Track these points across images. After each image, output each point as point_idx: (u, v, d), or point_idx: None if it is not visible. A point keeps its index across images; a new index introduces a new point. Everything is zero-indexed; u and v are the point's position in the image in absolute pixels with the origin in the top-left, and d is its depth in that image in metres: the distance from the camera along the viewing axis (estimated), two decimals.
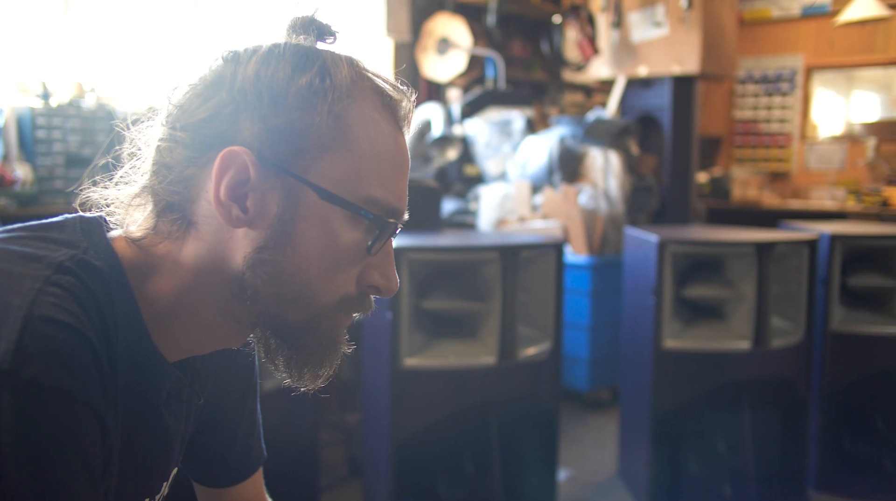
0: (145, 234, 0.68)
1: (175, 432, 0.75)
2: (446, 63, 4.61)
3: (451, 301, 2.27)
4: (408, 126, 0.74)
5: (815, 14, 5.73)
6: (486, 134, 4.12)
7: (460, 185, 4.36)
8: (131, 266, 0.66)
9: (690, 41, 3.86)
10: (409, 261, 2.16)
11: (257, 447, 0.96)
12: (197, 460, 0.92)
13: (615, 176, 3.54)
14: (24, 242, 0.62)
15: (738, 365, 2.48)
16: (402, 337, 2.16)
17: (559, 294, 2.40)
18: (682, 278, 2.49)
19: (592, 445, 3.21)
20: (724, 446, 2.62)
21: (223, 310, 0.68)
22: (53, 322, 0.55)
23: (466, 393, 2.27)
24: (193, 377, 0.77)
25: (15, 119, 2.46)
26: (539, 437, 2.47)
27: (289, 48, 0.68)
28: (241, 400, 0.91)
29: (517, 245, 2.25)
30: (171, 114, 0.67)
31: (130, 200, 0.69)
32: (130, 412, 0.65)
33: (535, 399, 2.42)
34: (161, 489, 0.78)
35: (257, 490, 0.97)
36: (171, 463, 0.78)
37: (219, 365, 0.85)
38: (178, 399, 0.74)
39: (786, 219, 3.38)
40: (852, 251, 2.76)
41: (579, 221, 3.42)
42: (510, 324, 2.22)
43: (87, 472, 0.55)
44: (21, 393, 0.51)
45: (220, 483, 0.94)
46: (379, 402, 2.28)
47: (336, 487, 2.78)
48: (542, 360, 2.36)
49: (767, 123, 6.06)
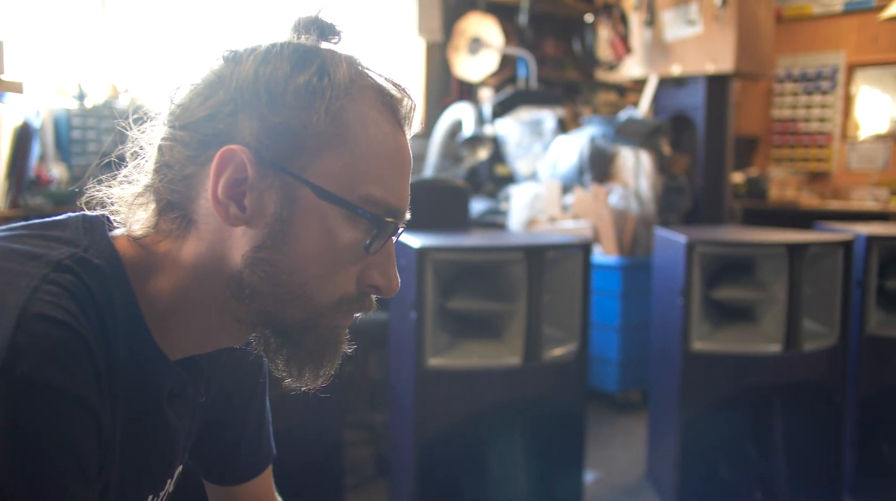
0: (147, 233, 0.68)
1: (179, 429, 0.75)
2: (478, 63, 4.61)
3: (477, 301, 2.27)
4: (409, 125, 0.73)
5: (858, 9, 5.60)
6: (517, 133, 4.10)
7: (491, 185, 4.35)
8: (132, 264, 0.67)
9: (725, 39, 3.80)
10: (433, 261, 2.16)
11: (266, 445, 0.96)
12: (205, 457, 0.93)
13: (646, 176, 3.51)
14: (25, 240, 0.63)
15: (769, 369, 2.43)
16: (426, 337, 2.16)
17: (586, 294, 2.38)
18: (711, 279, 2.45)
19: (621, 447, 3.18)
20: (755, 450, 2.58)
21: (223, 309, 0.69)
22: (48, 319, 0.55)
23: (491, 394, 2.27)
24: (197, 375, 0.78)
25: (52, 120, 2.52)
26: (565, 438, 2.45)
27: (288, 47, 0.68)
28: (249, 398, 0.91)
29: (543, 245, 2.24)
30: (172, 113, 0.68)
31: (133, 199, 0.70)
32: (132, 409, 0.65)
33: (561, 400, 2.40)
34: (165, 485, 0.78)
35: (266, 488, 0.98)
36: (176, 461, 0.79)
37: (226, 364, 0.85)
38: (180, 396, 0.74)
39: (825, 219, 3.31)
40: (890, 252, 2.69)
41: (609, 221, 3.39)
42: (535, 325, 2.21)
43: (80, 468, 0.55)
44: (14, 389, 0.51)
45: (229, 480, 0.95)
46: (403, 402, 2.29)
47: (362, 486, 2.79)
48: (568, 361, 2.34)
49: (807, 122, 5.94)
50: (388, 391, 2.51)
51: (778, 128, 6.07)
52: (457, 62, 4.67)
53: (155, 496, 0.76)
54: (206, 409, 0.86)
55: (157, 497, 0.77)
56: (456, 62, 4.68)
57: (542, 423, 2.40)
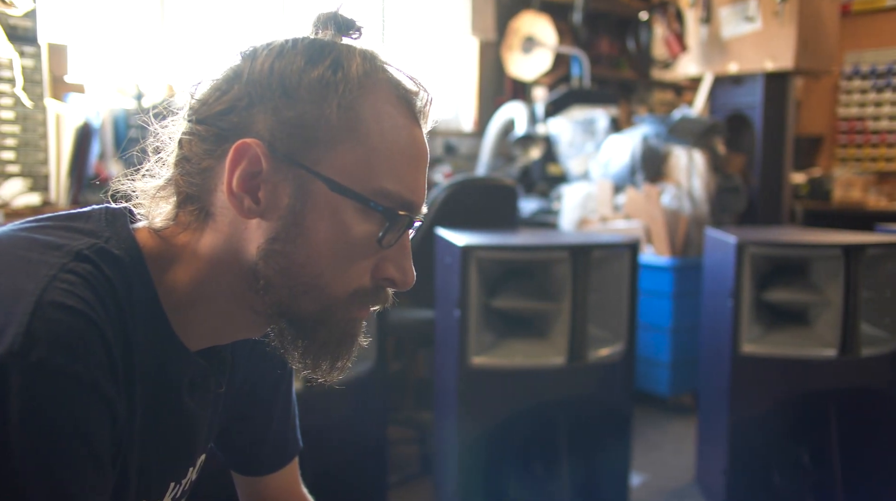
0: (166, 225, 0.70)
1: (200, 419, 0.77)
2: (531, 62, 4.59)
3: (521, 300, 2.27)
4: (425, 119, 0.74)
5: None
6: (570, 133, 4.07)
7: (544, 184, 4.33)
8: (152, 255, 0.68)
9: (785, 35, 3.70)
10: (477, 260, 2.16)
11: (292, 438, 0.97)
12: (231, 448, 0.95)
13: (699, 175, 3.44)
14: (48, 231, 0.65)
15: (824, 373, 2.36)
16: (470, 335, 2.17)
17: (633, 295, 2.35)
18: (762, 281, 2.39)
19: (671, 451, 3.13)
20: (808, 457, 2.51)
21: (240, 300, 0.70)
22: (63, 307, 0.57)
23: (535, 393, 2.26)
24: (219, 366, 0.78)
25: (111, 119, 2.61)
26: (611, 440, 2.42)
27: (303, 42, 0.69)
28: (274, 391, 0.92)
29: (588, 244, 2.22)
30: (192, 107, 0.70)
31: (156, 192, 0.71)
32: (151, 397, 0.67)
33: (607, 401, 2.38)
34: (188, 473, 0.80)
35: (292, 480, 0.99)
36: (197, 450, 0.80)
37: (251, 356, 0.86)
38: (202, 387, 0.75)
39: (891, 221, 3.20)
40: None
41: (661, 222, 3.34)
42: (580, 325, 2.19)
43: (92, 452, 0.56)
44: (28, 374, 0.53)
45: (255, 471, 0.96)
46: (447, 400, 2.30)
47: (408, 484, 2.81)
48: (614, 362, 2.32)
49: (876, 121, 5.73)
50: (434, 389, 2.52)
51: (844, 126, 5.87)
52: (510, 61, 4.66)
53: (177, 483, 0.78)
54: (232, 401, 0.88)
55: (179, 484, 0.79)
56: (509, 61, 4.67)
57: (588, 424, 2.38)
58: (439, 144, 4.42)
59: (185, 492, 0.82)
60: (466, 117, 4.69)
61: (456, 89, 4.71)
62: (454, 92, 4.71)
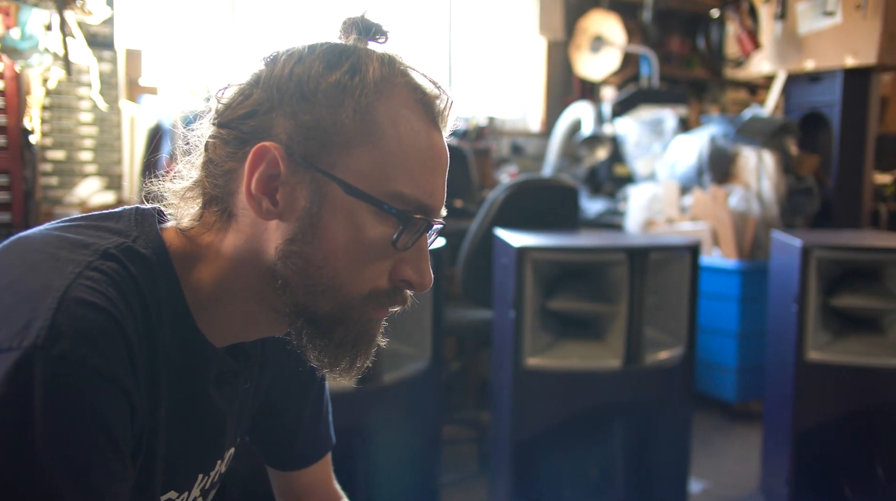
0: (192, 225, 0.72)
1: (227, 413, 0.79)
2: (600, 61, 4.55)
3: (577, 302, 2.25)
4: (444, 123, 0.74)
5: None
6: (637, 133, 4.01)
7: (610, 185, 4.28)
8: (178, 255, 0.71)
9: (868, 29, 3.54)
10: (532, 261, 2.16)
11: (324, 434, 0.99)
12: (264, 443, 0.97)
13: (769, 176, 3.34)
14: (79, 230, 0.68)
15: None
16: (525, 336, 2.17)
17: (694, 298, 2.31)
18: (830, 286, 2.31)
19: (735, 458, 3.05)
20: (881, 470, 2.41)
21: (261, 299, 0.71)
22: (86, 303, 0.59)
23: (590, 396, 2.24)
24: (246, 362, 0.81)
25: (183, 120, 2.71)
26: (669, 445, 2.38)
27: (324, 47, 0.70)
28: (305, 388, 0.94)
29: (646, 246, 2.19)
30: (217, 111, 0.72)
31: (184, 193, 0.74)
32: (177, 391, 0.69)
33: (665, 405, 2.34)
34: (216, 466, 0.82)
35: (324, 475, 1.01)
36: (225, 443, 0.82)
37: (282, 352, 0.88)
38: (229, 382, 0.77)
39: None
40: None
41: (729, 224, 3.26)
42: (637, 327, 2.16)
43: (112, 441, 0.59)
44: (50, 366, 0.55)
45: (286, 465, 0.99)
46: (502, 401, 2.30)
47: (464, 483, 2.83)
48: (672, 366, 2.28)
49: None
50: (491, 389, 2.53)
51: None
52: (578, 61, 4.62)
53: (205, 474, 0.80)
54: (264, 397, 0.90)
55: (208, 476, 0.81)
56: (578, 61, 4.63)
57: (645, 428, 2.34)
58: (506, 144, 4.42)
59: (215, 484, 0.85)
60: (534, 117, 4.68)
61: (524, 89, 4.70)
62: (522, 92, 4.70)
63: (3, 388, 0.54)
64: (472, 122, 4.00)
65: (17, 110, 2.28)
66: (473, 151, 3.84)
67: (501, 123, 4.41)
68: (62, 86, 2.39)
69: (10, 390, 0.54)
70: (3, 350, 0.55)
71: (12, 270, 0.62)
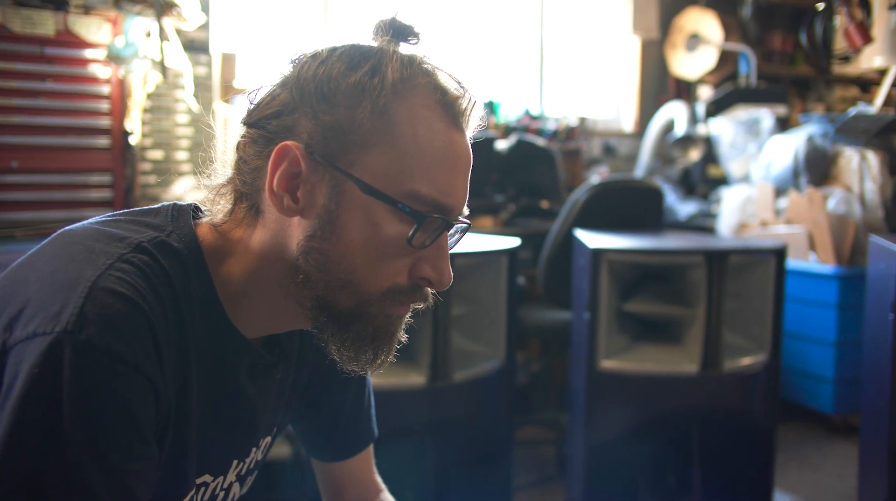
0: (224, 221, 0.76)
1: (260, 403, 0.82)
2: (696, 60, 4.42)
3: (654, 304, 2.21)
4: (467, 124, 0.75)
5: None
6: (731, 133, 3.88)
7: (704, 187, 4.16)
8: (210, 249, 0.74)
9: None
10: (608, 262, 2.13)
11: (365, 427, 1.01)
12: (306, 434, 1.01)
13: (873, 178, 3.16)
14: (118, 225, 0.72)
15: None
16: (599, 338, 2.14)
17: (779, 303, 2.22)
18: None
19: (831, 473, 2.91)
20: None
21: (286, 293, 0.74)
22: (114, 293, 0.63)
23: (666, 401, 2.19)
24: (281, 355, 0.84)
25: None
26: (751, 455, 2.30)
27: (348, 48, 0.73)
28: (345, 381, 0.96)
29: (725, 249, 2.13)
30: (248, 112, 0.75)
31: (218, 190, 0.78)
32: (208, 379, 0.73)
33: (746, 414, 2.26)
34: (251, 453, 0.85)
35: (365, 468, 1.03)
36: (259, 432, 0.85)
37: (321, 347, 0.92)
38: (262, 373, 0.80)
39: None
40: None
41: (826, 228, 3.10)
42: (715, 332, 2.10)
43: (136, 426, 0.62)
44: (78, 351, 0.60)
45: (328, 457, 1.02)
46: (578, 403, 2.28)
47: (542, 485, 2.81)
48: (755, 372, 2.20)
49: None
50: (568, 391, 2.51)
51: None
52: (674, 59, 4.51)
53: (240, 460, 0.84)
54: (303, 390, 0.93)
55: (243, 462, 0.85)
56: (673, 59, 4.52)
57: (724, 436, 2.27)
58: (598, 145, 4.36)
59: (252, 470, 0.88)
60: (627, 117, 4.60)
61: (617, 89, 4.63)
62: (615, 92, 4.63)
63: (37, 368, 0.59)
64: (563, 123, 3.97)
65: (120, 114, 2.44)
66: (563, 152, 3.81)
67: (593, 124, 4.35)
68: (160, 89, 2.54)
69: (43, 370, 0.59)
70: (39, 334, 0.60)
71: (53, 260, 0.67)
